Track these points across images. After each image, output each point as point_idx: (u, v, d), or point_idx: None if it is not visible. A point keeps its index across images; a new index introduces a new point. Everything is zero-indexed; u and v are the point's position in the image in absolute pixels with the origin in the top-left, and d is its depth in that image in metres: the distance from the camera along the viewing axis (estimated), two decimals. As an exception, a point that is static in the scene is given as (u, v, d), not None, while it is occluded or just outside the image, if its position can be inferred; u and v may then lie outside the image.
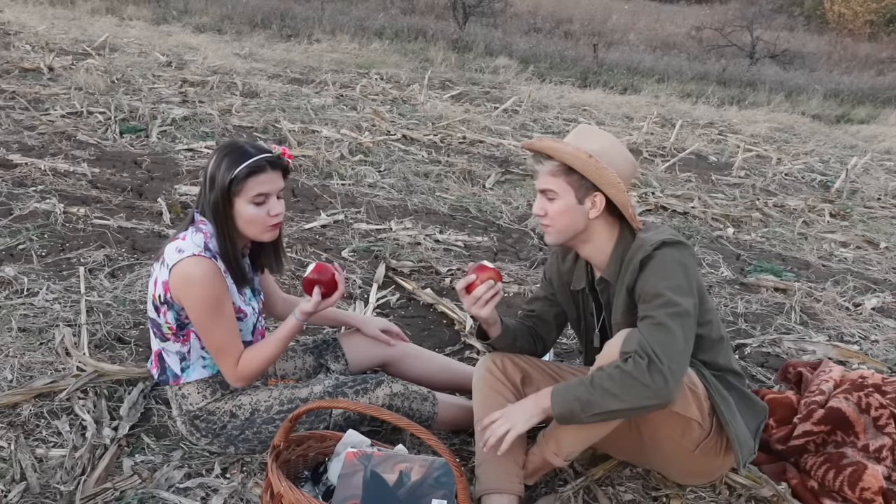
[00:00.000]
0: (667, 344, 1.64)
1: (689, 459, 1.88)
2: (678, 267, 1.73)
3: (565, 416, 1.70)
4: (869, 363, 2.89)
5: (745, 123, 8.70)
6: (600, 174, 1.76)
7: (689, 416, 1.77)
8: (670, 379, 1.62)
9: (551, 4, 18.96)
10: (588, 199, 1.81)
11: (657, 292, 1.70)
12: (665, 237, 1.77)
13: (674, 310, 1.67)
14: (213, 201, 1.84)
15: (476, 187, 4.94)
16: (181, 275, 1.82)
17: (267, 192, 1.85)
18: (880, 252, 4.47)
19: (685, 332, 1.68)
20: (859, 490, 2.00)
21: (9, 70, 6.86)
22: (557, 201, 1.82)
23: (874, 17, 19.85)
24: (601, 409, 1.65)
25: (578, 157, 1.76)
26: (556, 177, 1.81)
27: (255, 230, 1.88)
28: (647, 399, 1.63)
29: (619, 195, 1.78)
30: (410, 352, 2.33)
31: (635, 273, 1.76)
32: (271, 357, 1.92)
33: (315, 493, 1.75)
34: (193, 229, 1.88)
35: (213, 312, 1.84)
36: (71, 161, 4.53)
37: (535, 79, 10.60)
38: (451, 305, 3.07)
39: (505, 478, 1.86)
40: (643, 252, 1.75)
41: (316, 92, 7.54)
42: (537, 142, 1.85)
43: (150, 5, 12.99)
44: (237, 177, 1.81)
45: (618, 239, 1.86)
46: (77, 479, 1.88)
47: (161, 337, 1.94)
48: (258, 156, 1.83)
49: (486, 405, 1.94)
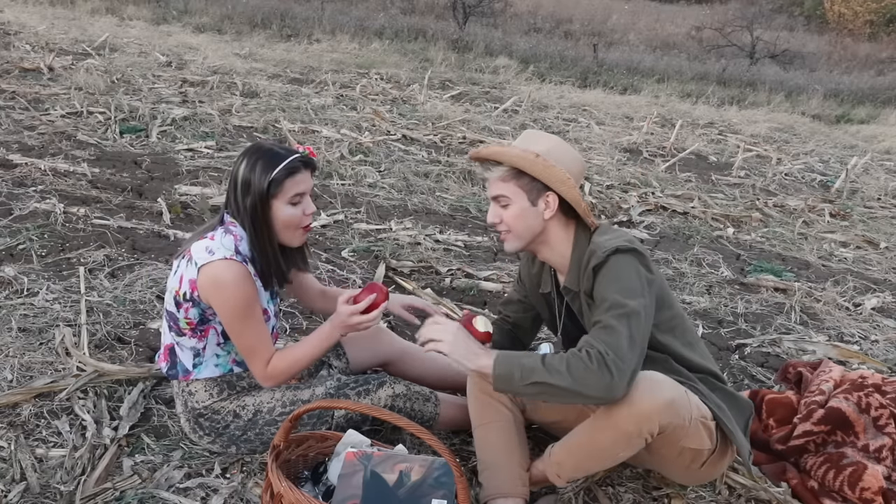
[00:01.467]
0: (611, 342, 1.63)
1: (696, 473, 1.91)
2: (629, 271, 1.73)
3: (503, 376, 1.68)
4: (869, 363, 2.89)
5: (745, 123, 8.70)
6: (549, 172, 1.77)
7: (702, 448, 1.79)
8: (615, 372, 1.60)
9: (551, 4, 18.97)
10: (541, 200, 1.81)
11: (605, 297, 1.71)
12: (619, 244, 1.75)
13: (620, 311, 1.67)
14: (252, 205, 1.84)
15: (476, 187, 4.94)
16: (212, 277, 1.81)
17: (303, 192, 1.87)
18: (880, 252, 4.47)
19: (631, 331, 1.66)
20: (859, 490, 2.00)
21: (9, 70, 6.87)
22: (511, 206, 1.82)
23: (874, 17, 19.86)
24: (541, 380, 1.63)
25: (526, 157, 1.77)
26: (507, 182, 1.81)
27: (290, 233, 1.89)
28: (589, 386, 1.61)
29: (570, 191, 1.79)
30: (411, 351, 2.33)
31: (590, 280, 1.77)
32: (302, 360, 1.91)
33: (315, 493, 1.75)
34: (223, 230, 1.87)
35: (245, 316, 1.84)
36: (71, 161, 4.53)
37: (535, 79, 10.61)
38: (451, 305, 3.07)
39: (510, 481, 1.86)
40: (596, 259, 1.75)
41: (316, 92, 7.54)
42: (483, 149, 1.86)
43: (150, 5, 13.00)
44: (276, 179, 1.81)
45: (574, 242, 1.86)
46: (77, 479, 1.88)
47: (177, 331, 1.93)
48: (291, 156, 1.84)
49: (481, 411, 1.94)
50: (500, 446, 1.90)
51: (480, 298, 3.24)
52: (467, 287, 3.30)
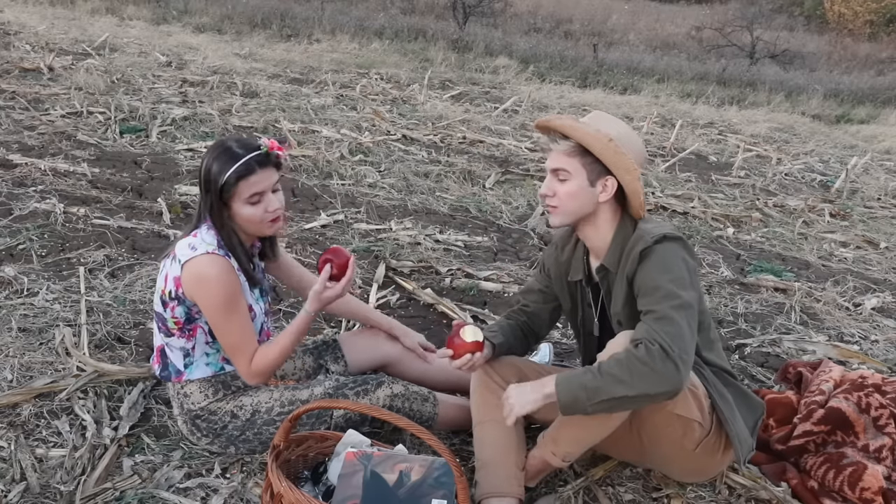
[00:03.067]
0: (674, 334, 1.63)
1: (690, 458, 1.88)
2: (679, 261, 1.73)
3: (570, 403, 1.67)
4: (869, 363, 2.89)
5: (745, 123, 8.69)
6: (618, 159, 1.75)
7: (691, 418, 1.77)
8: (681, 366, 1.61)
9: (551, 4, 18.96)
10: (600, 182, 1.80)
11: (657, 285, 1.69)
12: (666, 231, 1.76)
13: (676, 302, 1.67)
14: (210, 204, 1.85)
15: (476, 187, 4.94)
16: (195, 273, 1.81)
17: (261, 191, 1.84)
18: (880, 252, 4.47)
19: (689, 323, 1.67)
20: (859, 490, 2.00)
21: (9, 70, 6.86)
22: (570, 182, 1.80)
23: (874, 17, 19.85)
24: (608, 396, 1.62)
25: (598, 139, 1.75)
26: (572, 157, 1.79)
27: (256, 227, 1.89)
28: (656, 386, 1.61)
29: (633, 182, 1.78)
30: (409, 352, 2.33)
31: (635, 263, 1.75)
32: (284, 352, 1.91)
33: (315, 493, 1.75)
34: (206, 226, 1.88)
35: (228, 311, 1.84)
36: (71, 161, 4.53)
37: (535, 79, 10.60)
38: (451, 305, 3.07)
39: (505, 481, 1.85)
40: (644, 243, 1.74)
41: (316, 92, 7.54)
42: (555, 119, 1.81)
43: (150, 5, 12.99)
44: (227, 182, 1.80)
45: (618, 226, 1.85)
46: (77, 479, 1.88)
47: (165, 332, 1.93)
48: (246, 157, 1.81)
49: (484, 408, 1.94)
50: (499, 445, 1.90)
51: (480, 298, 3.24)
52: (467, 287, 3.30)
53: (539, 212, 4.40)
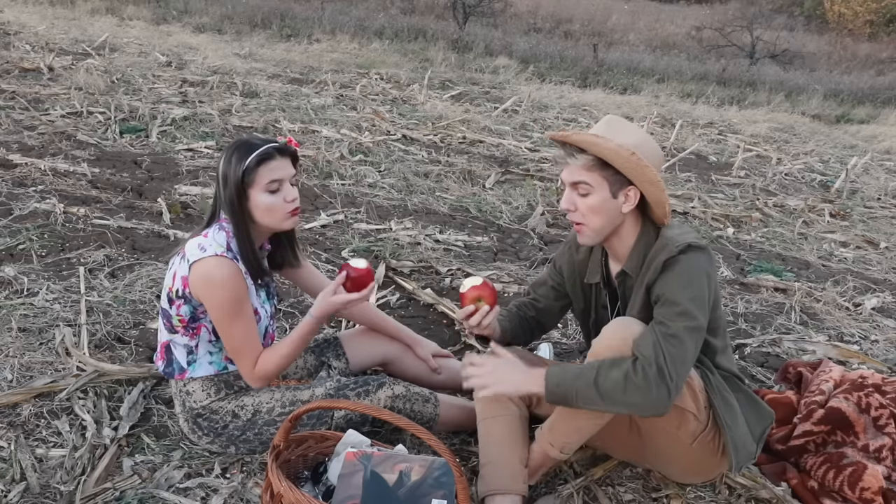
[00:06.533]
0: (677, 358, 1.63)
1: (687, 453, 1.87)
2: (702, 276, 1.70)
3: (558, 402, 1.72)
4: (869, 363, 2.89)
5: (745, 123, 8.70)
6: (642, 172, 1.72)
7: (685, 408, 1.77)
8: (673, 392, 1.64)
9: (551, 4, 18.96)
10: (622, 193, 1.76)
11: (677, 300, 1.67)
12: (691, 240, 1.72)
13: (691, 323, 1.66)
14: (229, 197, 1.86)
15: (476, 187, 4.94)
16: (202, 274, 1.82)
17: (280, 178, 1.86)
18: (880, 252, 4.47)
19: (696, 347, 1.68)
20: (859, 490, 2.00)
21: (9, 70, 6.87)
22: (592, 195, 1.76)
23: (874, 17, 19.86)
24: (596, 407, 1.68)
25: (620, 154, 1.70)
26: (591, 171, 1.75)
27: (275, 218, 1.89)
28: (644, 407, 1.65)
29: (658, 194, 1.75)
30: (410, 351, 2.33)
31: (657, 272, 1.73)
32: (288, 356, 1.92)
33: (315, 493, 1.74)
34: (217, 227, 1.89)
35: (234, 313, 1.84)
36: (71, 161, 4.53)
37: (535, 79, 10.60)
38: (450, 305, 3.07)
39: (510, 478, 1.85)
40: (668, 252, 1.71)
41: (316, 92, 7.54)
42: (573, 135, 1.77)
43: (150, 5, 12.99)
44: (248, 167, 1.83)
45: (640, 232, 1.83)
46: (77, 479, 1.88)
47: (170, 329, 1.94)
48: (265, 145, 1.86)
49: (487, 405, 1.94)
50: (504, 441, 1.89)
51: (480, 298, 3.23)
52: (467, 287, 3.29)
53: (539, 212, 4.40)
